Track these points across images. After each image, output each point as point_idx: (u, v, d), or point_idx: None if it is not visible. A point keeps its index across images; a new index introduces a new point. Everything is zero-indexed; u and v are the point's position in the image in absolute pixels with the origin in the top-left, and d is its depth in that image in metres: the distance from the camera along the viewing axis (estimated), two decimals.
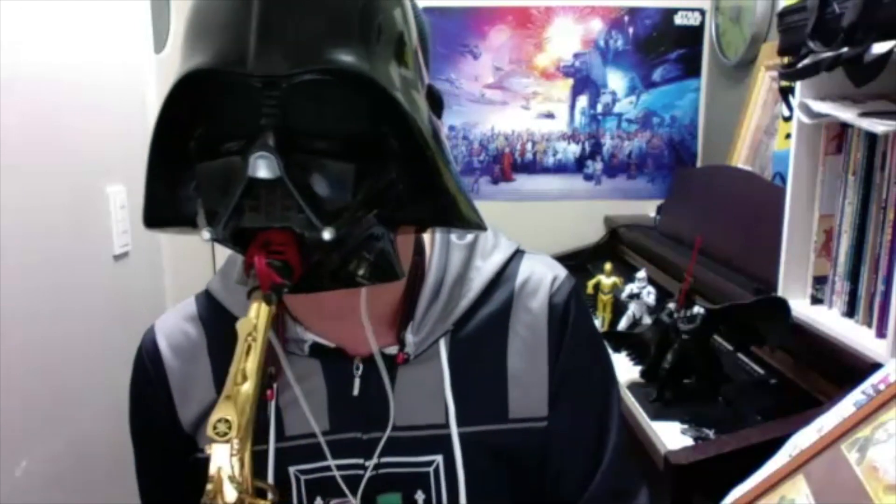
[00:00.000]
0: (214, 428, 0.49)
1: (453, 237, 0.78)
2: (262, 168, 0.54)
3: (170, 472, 0.80)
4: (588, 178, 2.63)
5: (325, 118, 0.58)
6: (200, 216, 0.61)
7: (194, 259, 2.40)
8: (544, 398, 0.76)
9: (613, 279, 1.94)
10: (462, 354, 0.75)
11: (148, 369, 0.78)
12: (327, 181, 0.58)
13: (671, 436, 1.23)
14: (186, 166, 0.62)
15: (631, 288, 1.81)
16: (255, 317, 0.54)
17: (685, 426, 1.27)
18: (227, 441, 0.49)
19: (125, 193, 1.49)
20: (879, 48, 1.01)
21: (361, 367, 0.73)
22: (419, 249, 0.76)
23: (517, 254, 0.81)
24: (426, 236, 0.77)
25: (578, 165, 2.63)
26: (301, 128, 0.57)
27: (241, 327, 0.53)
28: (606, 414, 0.80)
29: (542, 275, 0.79)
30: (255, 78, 0.55)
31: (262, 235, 0.57)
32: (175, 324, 0.79)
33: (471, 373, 0.75)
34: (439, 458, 0.73)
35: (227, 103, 0.59)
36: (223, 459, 0.49)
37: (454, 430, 0.73)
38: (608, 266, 1.97)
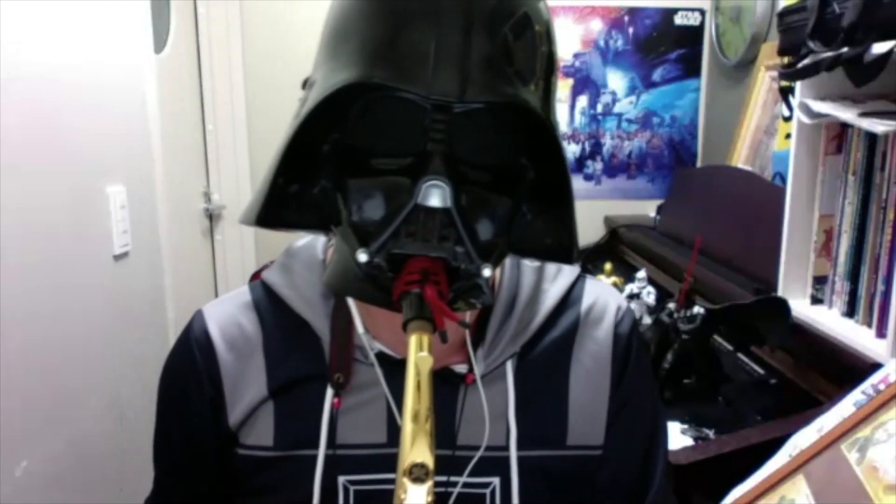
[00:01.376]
0: (411, 473, 0.47)
1: (524, 260, 0.77)
2: (435, 197, 0.54)
3: (196, 463, 0.77)
4: (588, 178, 2.63)
5: (482, 147, 0.59)
6: (347, 233, 0.59)
7: (194, 259, 2.41)
8: (602, 426, 0.76)
9: (613, 279, 1.94)
10: (527, 378, 0.73)
11: (196, 359, 0.74)
12: (488, 215, 0.59)
13: (671, 436, 1.23)
14: (309, 169, 0.61)
15: (631, 288, 1.81)
16: (421, 349, 0.51)
17: (685, 426, 1.27)
18: (424, 484, 0.47)
19: (125, 193, 1.49)
20: (879, 48, 1.01)
21: None
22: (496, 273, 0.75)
23: (580, 278, 0.80)
24: None
25: (578, 165, 2.63)
26: (463, 156, 0.57)
27: (421, 364, 0.50)
28: (655, 442, 0.80)
29: (605, 302, 0.79)
30: (427, 100, 0.55)
31: (417, 263, 0.56)
32: (228, 313, 0.75)
33: (534, 397, 0.73)
34: (496, 481, 0.72)
35: (386, 118, 0.58)
36: (419, 501, 0.46)
37: (513, 453, 0.72)
38: (608, 266, 1.98)
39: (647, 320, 1.74)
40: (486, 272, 0.57)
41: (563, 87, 2.60)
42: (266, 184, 0.61)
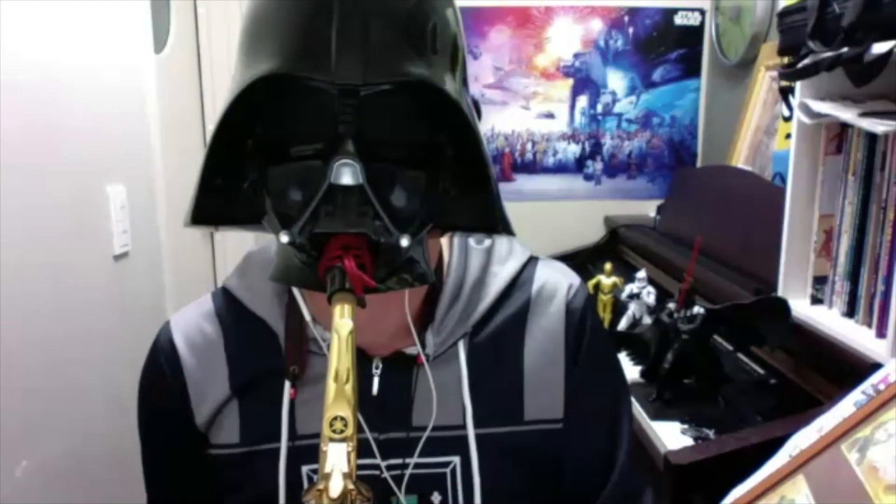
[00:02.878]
0: (331, 426, 0.49)
1: (472, 242, 0.79)
2: (346, 175, 0.56)
3: (178, 467, 0.80)
4: (588, 178, 2.63)
5: (394, 127, 0.61)
6: (271, 219, 0.62)
7: (194, 259, 2.40)
8: (560, 401, 0.77)
9: (613, 279, 1.94)
10: (479, 357, 0.75)
11: (163, 367, 0.77)
12: (402, 189, 0.61)
13: (671, 436, 1.23)
14: (238, 164, 0.63)
15: (631, 288, 1.81)
16: (343, 316, 0.54)
17: (685, 426, 1.27)
18: (344, 439, 0.49)
19: (125, 193, 1.49)
20: (879, 48, 1.01)
21: (381, 366, 0.73)
22: (437, 253, 0.77)
23: (531, 260, 0.82)
24: (444, 240, 0.78)
25: (578, 165, 2.63)
26: (374, 136, 0.59)
27: (340, 328, 0.53)
28: (618, 417, 0.81)
29: (557, 281, 0.80)
30: (333, 85, 0.57)
31: (339, 239, 0.58)
32: (192, 321, 0.79)
33: (488, 375, 0.75)
34: (456, 460, 0.73)
35: (298, 107, 0.60)
36: (340, 457, 0.49)
37: (471, 431, 0.73)
38: (608, 266, 1.97)
39: (647, 320, 1.74)
40: (404, 242, 0.59)
41: (563, 87, 2.60)
42: (197, 183, 0.63)
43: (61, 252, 1.28)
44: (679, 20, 2.52)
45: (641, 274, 1.83)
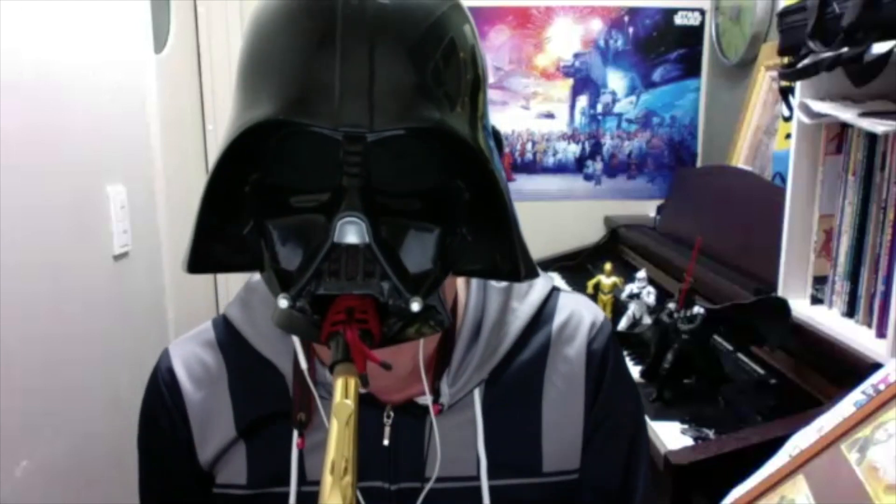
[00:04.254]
0: None
1: (490, 280, 0.74)
2: (352, 234, 0.51)
3: (176, 499, 0.77)
4: (588, 178, 2.63)
5: (404, 174, 0.55)
6: (270, 277, 0.57)
7: None
8: (578, 449, 0.74)
9: (613, 279, 1.94)
10: (496, 404, 0.71)
11: (164, 397, 0.74)
12: (413, 246, 0.55)
13: (671, 436, 1.23)
14: (234, 209, 0.58)
15: (631, 288, 1.81)
16: (345, 395, 0.48)
17: (685, 426, 1.27)
18: None
19: (125, 193, 1.48)
20: (879, 48, 1.01)
21: (393, 415, 0.70)
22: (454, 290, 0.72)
23: (553, 292, 0.77)
24: (460, 279, 0.73)
25: (578, 165, 2.63)
26: (382, 185, 0.54)
27: (339, 412, 0.46)
28: (636, 457, 0.78)
29: (579, 318, 0.75)
30: (337, 132, 0.52)
31: (343, 301, 0.53)
32: (192, 352, 0.75)
33: (504, 424, 0.71)
34: None
35: (299, 154, 0.55)
36: None
37: (485, 483, 0.70)
38: (608, 266, 1.97)
39: (647, 320, 1.74)
40: (415, 307, 0.53)
41: (563, 87, 2.60)
42: (194, 228, 0.58)
43: (61, 252, 1.28)
44: (679, 20, 2.52)
45: (641, 274, 1.83)
